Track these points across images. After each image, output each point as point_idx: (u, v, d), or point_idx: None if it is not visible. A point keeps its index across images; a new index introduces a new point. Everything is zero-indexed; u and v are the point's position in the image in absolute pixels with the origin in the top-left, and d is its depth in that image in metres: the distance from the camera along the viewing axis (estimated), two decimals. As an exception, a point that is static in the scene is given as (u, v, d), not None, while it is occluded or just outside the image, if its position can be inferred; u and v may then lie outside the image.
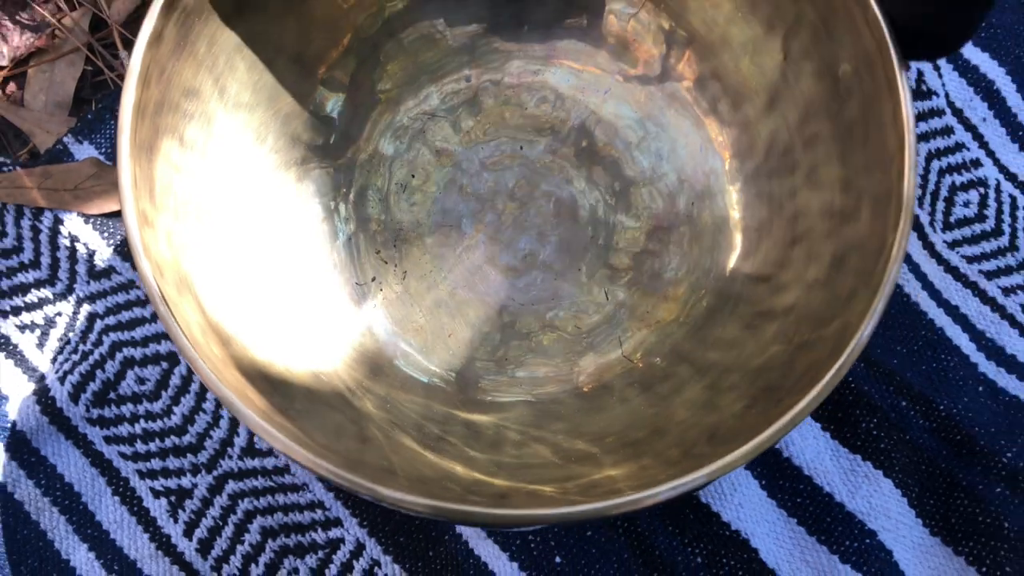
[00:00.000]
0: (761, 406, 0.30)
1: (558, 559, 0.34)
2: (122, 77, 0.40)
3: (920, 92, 0.41)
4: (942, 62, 0.42)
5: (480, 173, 0.38)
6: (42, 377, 0.37)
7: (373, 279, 0.36)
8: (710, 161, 0.37)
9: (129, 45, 0.41)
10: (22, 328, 0.37)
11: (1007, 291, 0.39)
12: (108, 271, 0.37)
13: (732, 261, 0.35)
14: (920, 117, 0.41)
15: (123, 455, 0.36)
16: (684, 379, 0.34)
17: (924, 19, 0.28)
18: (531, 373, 0.35)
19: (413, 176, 0.38)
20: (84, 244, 0.37)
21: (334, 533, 0.36)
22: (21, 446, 0.36)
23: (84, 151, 0.39)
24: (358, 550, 0.35)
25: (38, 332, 0.38)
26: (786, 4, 0.33)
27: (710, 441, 0.30)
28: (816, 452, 0.36)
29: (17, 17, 0.41)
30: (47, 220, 0.38)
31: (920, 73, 0.41)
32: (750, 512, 0.35)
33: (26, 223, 0.38)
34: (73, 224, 0.38)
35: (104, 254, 0.37)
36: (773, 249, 0.34)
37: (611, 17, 0.37)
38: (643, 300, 0.36)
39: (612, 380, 0.35)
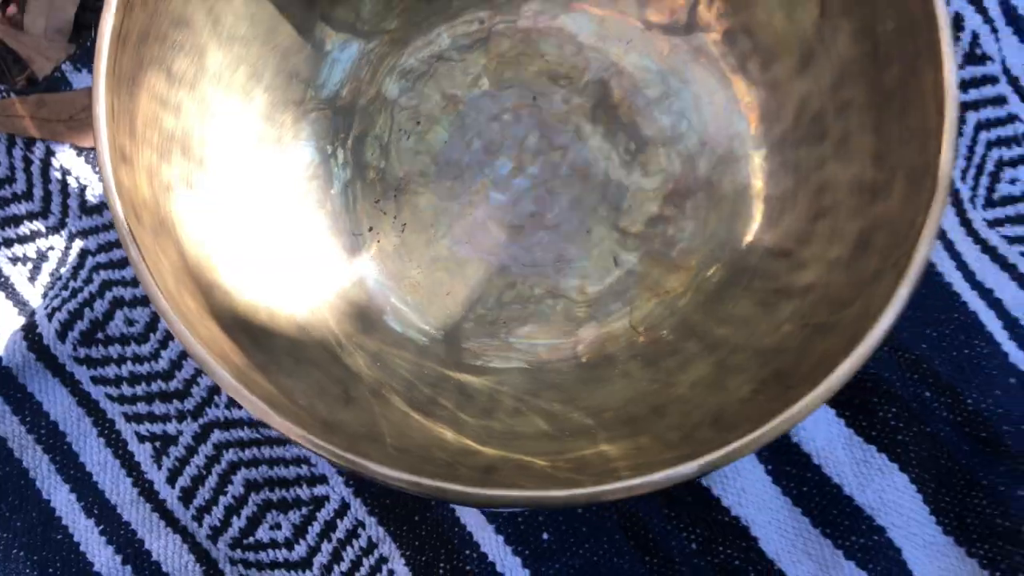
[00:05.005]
0: (771, 391, 0.28)
1: (545, 536, 0.33)
2: (124, 4, 0.38)
3: (974, 56, 0.38)
4: (1001, 24, 0.39)
5: (489, 123, 0.36)
6: (33, 312, 0.36)
7: (370, 229, 0.35)
8: (735, 123, 0.34)
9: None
10: (14, 260, 0.37)
11: (1049, 278, 0.36)
12: (100, 207, 0.36)
13: (751, 232, 0.33)
14: (971, 84, 0.38)
15: (109, 396, 0.35)
16: (691, 355, 0.32)
17: None
18: (530, 338, 0.34)
19: (418, 123, 0.36)
20: (76, 178, 0.36)
21: (319, 490, 0.35)
22: (7, 381, 0.35)
23: (82, 80, 0.38)
24: (342, 509, 0.34)
25: (30, 265, 0.37)
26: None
27: (714, 425, 0.28)
28: (828, 439, 0.34)
29: (18, -65, 0.39)
30: (39, 151, 0.36)
31: (975, 35, 0.38)
32: (753, 498, 0.34)
33: (18, 153, 0.36)
34: (65, 156, 0.36)
35: (97, 189, 0.36)
36: (795, 223, 0.32)
37: (639, -40, 0.34)
38: (654, 268, 0.34)
39: (616, 352, 0.33)
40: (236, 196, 0.31)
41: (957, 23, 0.38)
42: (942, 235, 0.37)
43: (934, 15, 0.25)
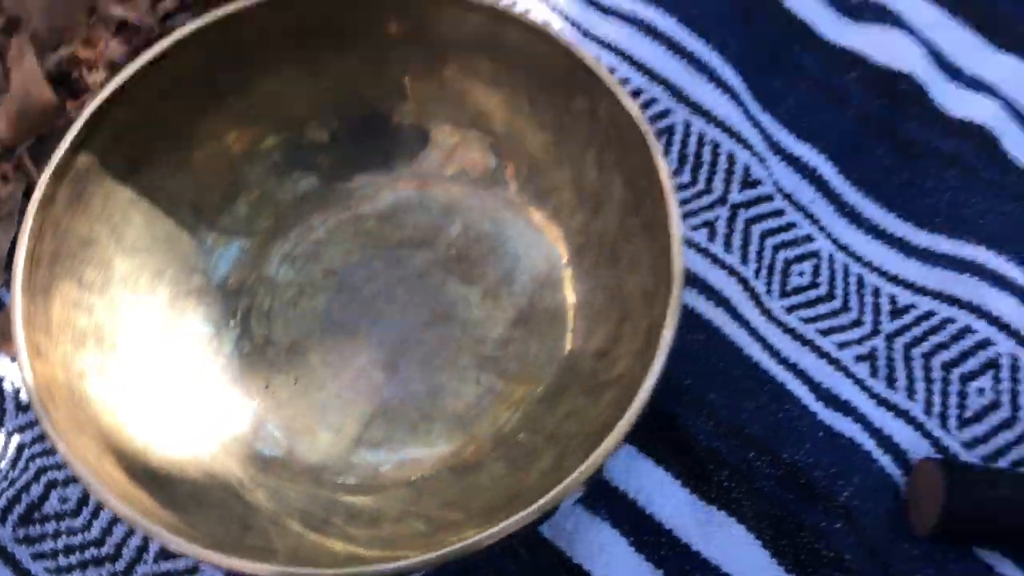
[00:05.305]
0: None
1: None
2: (50, 234, 0.46)
3: (747, 182, 0.47)
4: (768, 155, 0.48)
5: (364, 286, 0.43)
6: (-24, 506, 0.41)
7: (267, 387, 0.41)
8: (555, 258, 0.42)
9: (55, 206, 0.47)
10: (-41, 462, 0.42)
11: (841, 345, 0.44)
12: (34, 403, 0.42)
13: (577, 342, 0.40)
14: (751, 203, 0.47)
15: (48, 570, 0.39)
16: (540, 449, 0.38)
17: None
18: (412, 457, 0.40)
19: (302, 294, 0.43)
20: (11, 382, 0.42)
21: (242, 625, 0.39)
22: (-46, 569, 0.39)
23: (16, 300, 0.45)
24: (265, 639, 0.38)
25: (-27, 465, 0.42)
26: (594, 128, 0.39)
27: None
28: (676, 507, 0.40)
29: (-42, 191, 0.48)
30: (-22, 363, 0.43)
31: (747, 167, 0.47)
32: (620, 569, 0.39)
33: (-40, 367, 0.43)
34: (1, 364, 0.43)
35: (30, 388, 0.42)
36: (608, 328, 0.39)
37: (459, 148, 0.43)
38: (508, 383, 0.41)
39: (482, 458, 0.39)
40: (144, 370, 0.37)
41: (731, 160, 0.48)
42: (746, 325, 0.44)
43: (652, 164, 0.34)
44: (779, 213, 0.47)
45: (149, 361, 0.38)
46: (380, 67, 0.41)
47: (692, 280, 0.44)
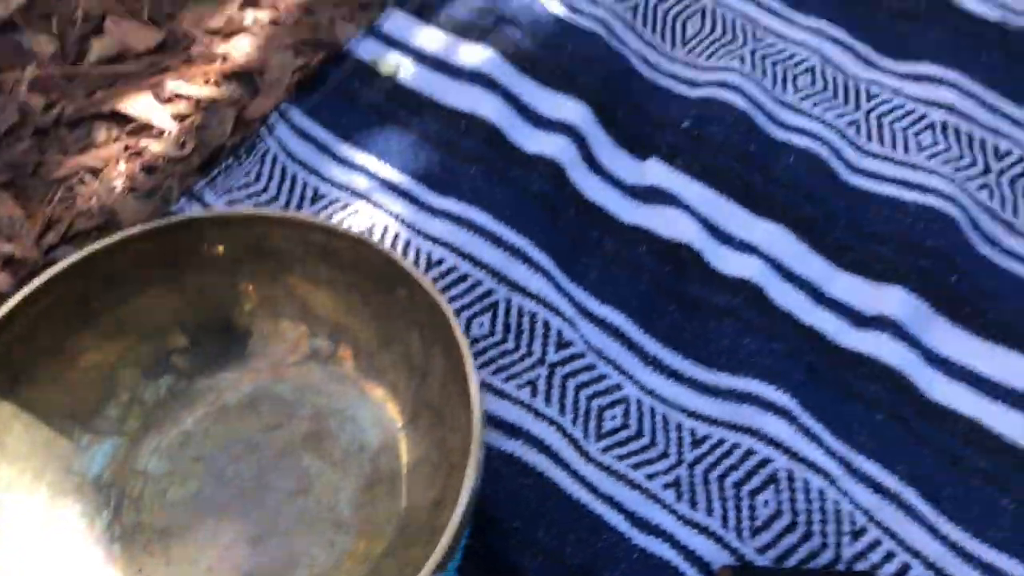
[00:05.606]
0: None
1: None
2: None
3: (561, 343, 0.56)
4: (578, 319, 0.58)
5: (228, 469, 0.49)
6: None
7: (140, 571, 0.45)
8: (392, 426, 0.49)
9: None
10: None
11: (650, 476, 0.52)
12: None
13: (415, 497, 0.47)
14: (567, 361, 0.56)
15: None
16: (386, 596, 0.43)
17: None
18: (274, 620, 0.44)
19: (173, 481, 0.48)
20: None
21: None
22: None
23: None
24: None
25: None
26: (415, 313, 0.48)
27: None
28: (515, 637, 0.45)
29: None
30: None
31: (560, 332, 0.56)
32: None
33: None
34: None
35: (-87, 598, 0.45)
36: (441, 480, 0.46)
37: (302, 339, 0.51)
38: (361, 541, 0.47)
39: (337, 611, 0.44)
40: (23, 563, 0.42)
41: (546, 327, 0.57)
42: (567, 466, 0.51)
43: (458, 345, 0.42)
44: (591, 367, 0.56)
45: (29, 555, 0.42)
46: (231, 280, 0.49)
47: (518, 432, 0.52)
